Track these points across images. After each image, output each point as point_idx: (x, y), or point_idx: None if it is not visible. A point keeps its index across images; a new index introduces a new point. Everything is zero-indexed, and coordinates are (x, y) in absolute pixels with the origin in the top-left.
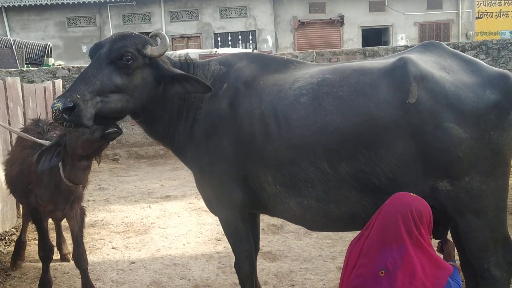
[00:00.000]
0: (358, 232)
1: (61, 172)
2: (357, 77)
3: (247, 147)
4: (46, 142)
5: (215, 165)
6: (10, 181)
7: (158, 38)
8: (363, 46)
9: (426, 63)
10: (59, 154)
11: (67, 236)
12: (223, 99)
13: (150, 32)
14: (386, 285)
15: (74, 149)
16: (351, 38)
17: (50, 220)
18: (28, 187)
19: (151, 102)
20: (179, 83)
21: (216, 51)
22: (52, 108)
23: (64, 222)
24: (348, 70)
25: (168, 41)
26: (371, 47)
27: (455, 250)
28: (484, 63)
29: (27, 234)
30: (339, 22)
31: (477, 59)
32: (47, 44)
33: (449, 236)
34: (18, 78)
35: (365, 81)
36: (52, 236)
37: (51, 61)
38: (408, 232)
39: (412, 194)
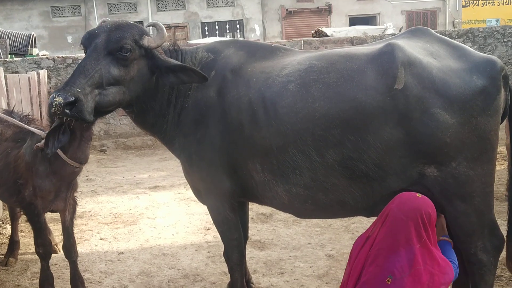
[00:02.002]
0: (347, 219)
1: (62, 155)
2: (344, 63)
3: (235, 135)
4: (38, 131)
5: (203, 154)
6: None
7: (154, 28)
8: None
9: (413, 48)
10: (66, 131)
11: (54, 227)
12: (210, 87)
13: (136, 21)
14: None
15: None
16: (339, 27)
17: None
18: (18, 182)
19: (144, 93)
20: (173, 74)
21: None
22: (51, 103)
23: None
24: (335, 56)
25: (165, 32)
26: (359, 36)
27: None
28: (471, 49)
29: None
30: (327, 11)
31: (464, 45)
32: (31, 34)
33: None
34: (2, 68)
35: (352, 67)
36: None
37: (35, 51)
38: (418, 237)
39: (418, 194)
